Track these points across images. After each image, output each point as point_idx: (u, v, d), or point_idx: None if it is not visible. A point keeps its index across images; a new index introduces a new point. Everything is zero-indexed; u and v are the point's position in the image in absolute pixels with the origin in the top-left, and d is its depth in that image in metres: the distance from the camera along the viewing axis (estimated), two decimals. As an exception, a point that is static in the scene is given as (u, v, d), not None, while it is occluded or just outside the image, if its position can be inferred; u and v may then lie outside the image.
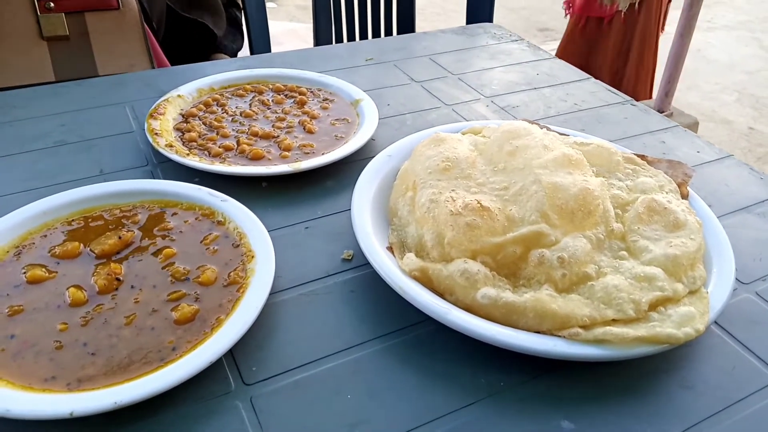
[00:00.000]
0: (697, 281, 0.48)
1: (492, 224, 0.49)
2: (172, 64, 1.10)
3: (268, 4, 1.38)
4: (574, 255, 0.48)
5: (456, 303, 0.47)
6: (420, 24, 1.63)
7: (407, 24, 1.56)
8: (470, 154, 0.58)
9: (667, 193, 0.56)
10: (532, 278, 0.48)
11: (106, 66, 0.98)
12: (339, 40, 1.54)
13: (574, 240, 0.49)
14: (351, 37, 1.55)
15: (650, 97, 2.29)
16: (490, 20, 1.44)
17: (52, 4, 0.94)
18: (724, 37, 3.77)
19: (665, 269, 0.48)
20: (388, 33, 1.56)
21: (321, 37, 1.50)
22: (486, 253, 0.48)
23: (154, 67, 1.04)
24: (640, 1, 2.08)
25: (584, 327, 0.44)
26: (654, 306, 0.46)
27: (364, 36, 1.57)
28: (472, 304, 0.46)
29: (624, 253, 0.50)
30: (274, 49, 1.41)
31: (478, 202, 0.50)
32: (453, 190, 0.52)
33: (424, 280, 0.48)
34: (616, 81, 2.20)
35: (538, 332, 0.44)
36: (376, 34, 1.57)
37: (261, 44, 1.36)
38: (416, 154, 0.59)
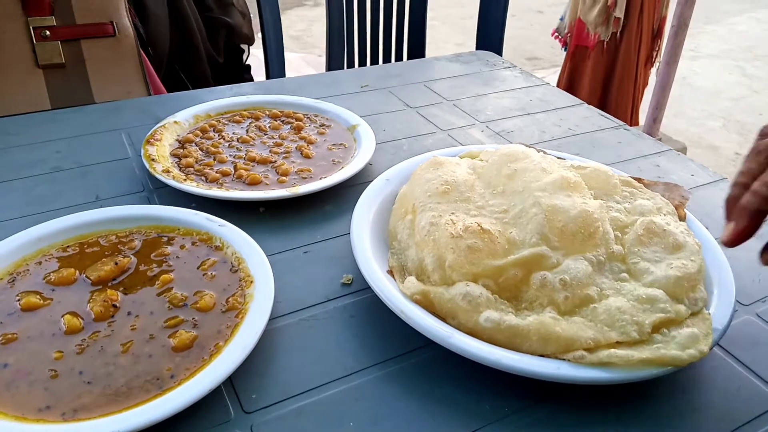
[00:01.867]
0: (699, 302, 0.48)
1: (493, 247, 0.49)
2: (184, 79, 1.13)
3: (258, 35, 1.41)
4: (576, 277, 0.47)
5: (458, 327, 0.46)
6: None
7: (417, 53, 1.61)
8: (469, 177, 0.58)
9: (665, 215, 0.57)
10: (534, 301, 0.48)
11: (102, 93, 0.98)
12: (350, 66, 1.58)
13: (576, 262, 0.49)
14: (362, 64, 1.60)
15: (631, 125, 2.33)
16: (500, 51, 1.47)
17: (47, 33, 0.94)
18: (708, 65, 3.85)
19: (667, 291, 0.48)
20: (399, 60, 1.61)
21: (333, 65, 1.55)
22: (487, 276, 0.48)
23: (150, 94, 1.04)
24: (621, 31, 2.13)
25: (588, 350, 0.44)
26: (657, 328, 0.46)
27: (375, 63, 1.61)
28: (474, 328, 0.46)
29: (625, 275, 0.50)
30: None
31: (479, 225, 0.50)
32: (453, 213, 0.52)
33: (426, 303, 0.48)
34: (602, 108, 2.24)
35: (542, 356, 0.44)
36: (386, 61, 1.61)
37: (276, 69, 1.43)
38: (415, 178, 0.59)
